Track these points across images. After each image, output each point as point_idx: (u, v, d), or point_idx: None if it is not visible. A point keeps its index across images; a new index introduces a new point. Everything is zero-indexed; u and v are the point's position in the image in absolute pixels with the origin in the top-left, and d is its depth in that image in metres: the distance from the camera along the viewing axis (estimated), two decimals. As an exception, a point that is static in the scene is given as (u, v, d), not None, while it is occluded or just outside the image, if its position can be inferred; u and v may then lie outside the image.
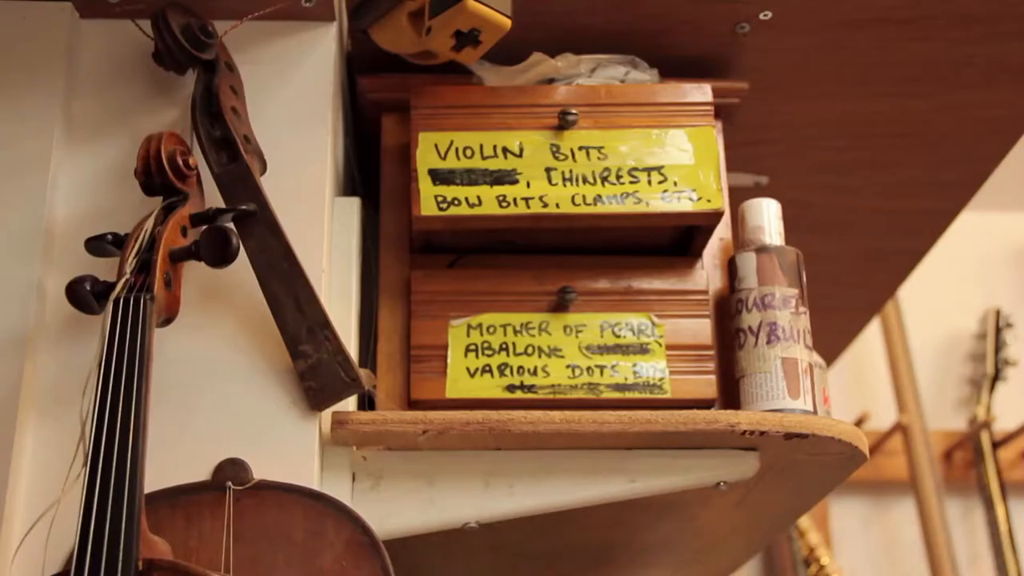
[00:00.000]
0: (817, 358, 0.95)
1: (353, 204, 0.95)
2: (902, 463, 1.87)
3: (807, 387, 0.89)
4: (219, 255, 0.78)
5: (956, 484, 1.91)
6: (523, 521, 1.05)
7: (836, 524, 1.92)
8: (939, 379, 1.99)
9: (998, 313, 1.91)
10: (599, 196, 0.90)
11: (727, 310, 0.94)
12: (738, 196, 0.99)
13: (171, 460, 0.81)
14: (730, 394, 0.92)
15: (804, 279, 0.92)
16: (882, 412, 1.89)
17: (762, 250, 0.92)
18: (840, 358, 1.66)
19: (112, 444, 0.70)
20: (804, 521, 1.82)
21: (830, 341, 1.50)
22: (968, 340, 1.96)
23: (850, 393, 1.96)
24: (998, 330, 1.90)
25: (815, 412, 0.89)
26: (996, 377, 1.88)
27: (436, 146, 0.91)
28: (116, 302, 0.75)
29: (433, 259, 0.94)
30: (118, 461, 0.70)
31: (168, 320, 0.80)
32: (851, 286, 1.38)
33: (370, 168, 1.04)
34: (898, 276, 1.37)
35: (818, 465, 0.92)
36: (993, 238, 2.06)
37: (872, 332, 1.94)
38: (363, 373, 0.83)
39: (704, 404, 0.90)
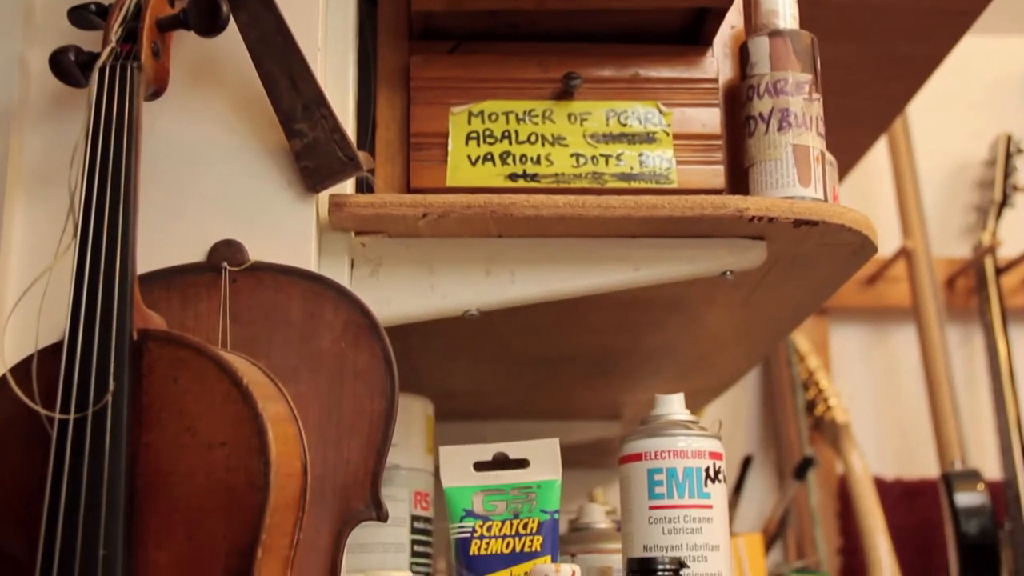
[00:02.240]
0: (829, 155, 0.92)
1: (349, -16, 0.90)
2: (904, 290, 1.85)
3: (818, 175, 0.86)
4: (208, 22, 0.74)
5: (957, 311, 1.90)
6: (525, 320, 1.04)
7: (836, 350, 1.92)
8: (945, 206, 1.97)
9: (1009, 138, 1.87)
10: (606, -25, 0.86)
11: (737, 98, 0.90)
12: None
13: (164, 243, 0.79)
14: (738, 186, 0.89)
15: (818, 64, 0.89)
16: (886, 240, 1.87)
17: (775, 34, 0.88)
18: (846, 180, 1.63)
19: (102, 213, 0.68)
20: (804, 345, 1.82)
21: (838, 158, 1.47)
22: (977, 167, 1.92)
23: (855, 218, 1.93)
24: (1008, 156, 1.86)
25: (825, 201, 0.86)
26: (1003, 203, 1.85)
27: (435, -79, 0.86)
28: (102, 70, 0.72)
29: (433, 45, 0.91)
30: (109, 230, 0.68)
31: (157, 93, 0.77)
32: (862, 97, 1.34)
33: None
34: (911, 86, 1.32)
35: (826, 257, 0.90)
36: (1005, 63, 2.01)
37: (879, 160, 1.91)
38: (361, 155, 0.81)
39: (712, 195, 0.88)
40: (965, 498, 1.57)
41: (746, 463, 1.77)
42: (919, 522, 1.83)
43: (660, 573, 0.78)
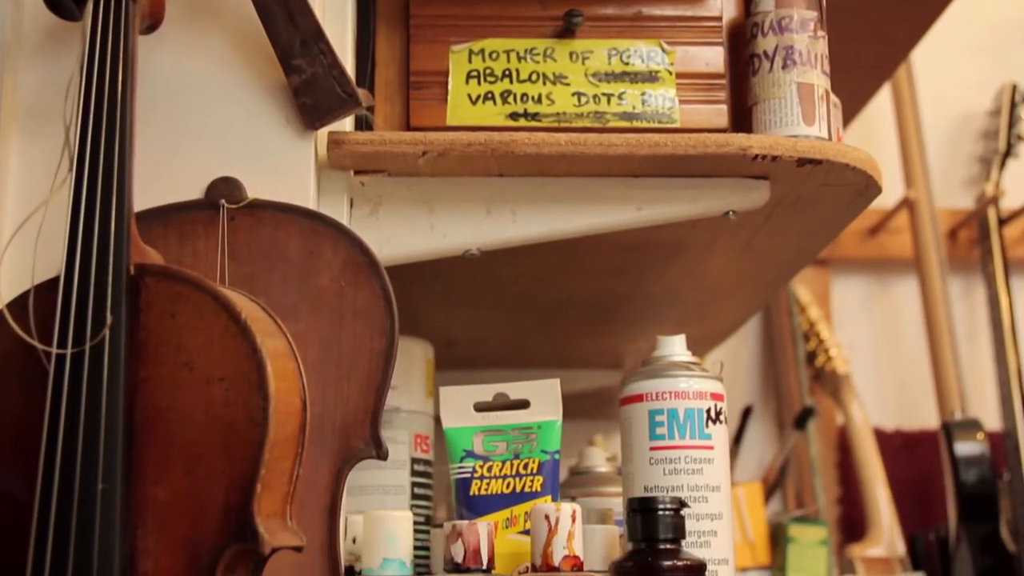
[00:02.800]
0: (834, 97, 0.91)
1: (347, -81, 0.89)
2: (906, 241, 1.84)
3: (823, 114, 0.85)
4: (204, -46, 0.73)
5: (959, 262, 1.89)
6: (526, 264, 1.03)
7: (837, 302, 1.91)
8: (949, 157, 1.95)
9: (1014, 88, 1.85)
10: (609, -90, 0.85)
11: (741, 36, 0.89)
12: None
13: (161, 181, 0.78)
14: (742, 126, 0.88)
15: (823, 1, 0.88)
16: (888, 191, 1.86)
17: (781, -30, 0.87)
18: (849, 129, 1.62)
19: (98, 146, 0.68)
20: (805, 296, 1.81)
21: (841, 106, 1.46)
22: (981, 117, 1.90)
23: (857, 169, 1.91)
24: (1013, 105, 1.84)
25: (830, 140, 0.85)
26: (1007, 153, 1.83)
27: None
28: (96, 3, 0.71)
29: (432, -18, 0.90)
30: (105, 163, 0.67)
31: (152, 26, 0.76)
32: (866, 41, 1.32)
33: None
34: (916, 30, 1.30)
35: (829, 198, 0.89)
36: (1011, 10, 1.99)
37: (883, 110, 1.89)
38: (360, 93, 0.80)
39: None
40: (965, 447, 1.57)
41: (746, 413, 1.77)
42: (918, 473, 1.83)
43: (661, 512, 0.77)
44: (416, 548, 0.84)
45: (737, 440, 1.74)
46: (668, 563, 0.76)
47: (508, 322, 1.27)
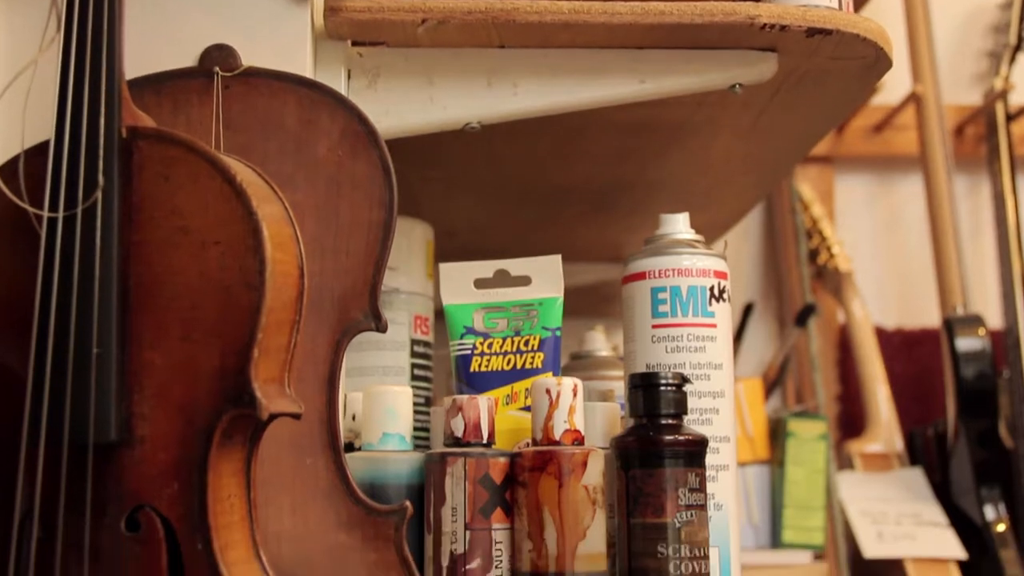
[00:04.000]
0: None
1: None
2: (912, 138, 1.82)
3: (833, -16, 0.83)
4: None
5: (965, 159, 1.87)
6: (526, 147, 1.01)
7: (841, 199, 1.90)
8: (957, 52, 1.92)
9: (1026, -21, 1.82)
10: None
11: (751, -96, 0.86)
12: None
13: (153, 48, 0.76)
14: None
15: None
16: (895, 88, 1.83)
17: None
18: (857, 21, 1.58)
19: (86, 4, 0.65)
20: (808, 194, 1.79)
21: None
22: (991, 10, 1.87)
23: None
24: (1025, -3, 1.81)
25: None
26: (1018, 47, 1.80)
27: None
28: None
29: None
30: (94, 22, 0.65)
31: None
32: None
33: None
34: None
35: (839, 73, 0.87)
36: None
37: (891, 2, 1.85)
38: (356, -42, 0.77)
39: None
40: (966, 343, 1.57)
41: (748, 310, 1.76)
42: (918, 371, 1.83)
43: (663, 388, 0.77)
44: (415, 429, 0.84)
45: (738, 337, 1.74)
46: (670, 438, 0.75)
47: (508, 211, 1.25)
